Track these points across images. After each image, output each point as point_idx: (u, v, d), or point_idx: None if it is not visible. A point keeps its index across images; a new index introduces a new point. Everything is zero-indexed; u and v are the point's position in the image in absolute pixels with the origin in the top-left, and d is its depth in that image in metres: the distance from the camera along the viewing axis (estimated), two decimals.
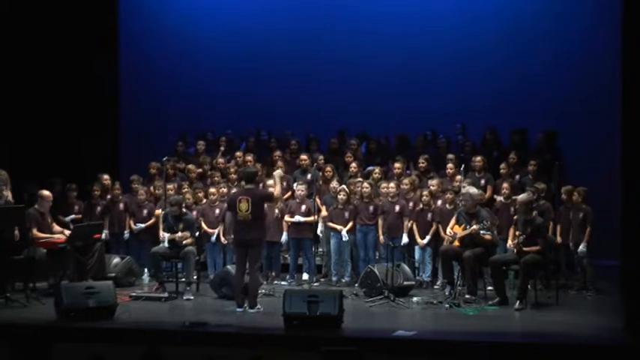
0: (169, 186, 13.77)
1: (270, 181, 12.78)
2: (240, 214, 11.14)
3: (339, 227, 13.25)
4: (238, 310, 11.06)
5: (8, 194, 11.99)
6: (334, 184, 13.62)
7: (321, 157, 14.64)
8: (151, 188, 14.20)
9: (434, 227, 12.92)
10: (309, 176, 14.10)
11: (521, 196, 11.94)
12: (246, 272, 11.24)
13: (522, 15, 16.41)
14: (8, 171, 12.25)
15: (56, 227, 12.77)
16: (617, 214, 13.79)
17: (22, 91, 14.91)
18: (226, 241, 13.32)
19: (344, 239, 13.22)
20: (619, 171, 14.19)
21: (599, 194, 13.11)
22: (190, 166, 14.76)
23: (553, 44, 16.10)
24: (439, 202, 13.04)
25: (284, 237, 13.41)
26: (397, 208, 13.14)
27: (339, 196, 13.28)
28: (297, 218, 13.31)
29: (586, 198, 12.48)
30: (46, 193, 12.67)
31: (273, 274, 13.46)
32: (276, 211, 13.28)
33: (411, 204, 13.17)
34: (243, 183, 12.32)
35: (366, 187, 13.29)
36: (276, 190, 11.69)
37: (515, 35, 16.39)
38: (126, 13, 17.32)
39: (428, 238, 12.96)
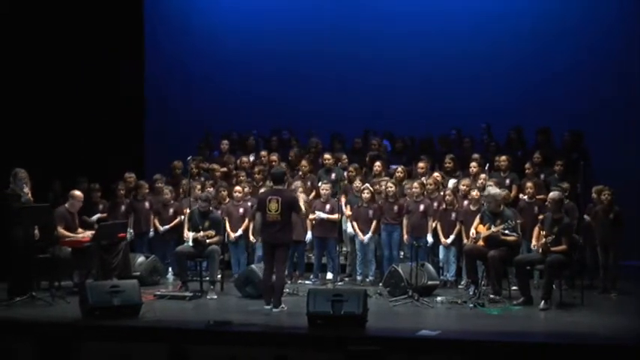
0: (197, 185, 13.81)
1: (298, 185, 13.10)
2: (270, 215, 11.11)
3: (360, 234, 13.24)
4: (266, 307, 11.04)
5: (28, 193, 12.02)
6: (357, 183, 13.60)
7: (345, 156, 14.64)
8: (178, 187, 14.24)
9: (458, 227, 12.90)
10: (333, 175, 14.11)
11: (553, 194, 11.79)
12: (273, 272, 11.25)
13: (547, 14, 16.39)
14: (34, 170, 12.28)
15: (79, 230, 12.79)
16: None
17: (48, 91, 14.98)
18: (255, 240, 13.30)
19: (364, 242, 13.22)
20: None
21: (623, 194, 13.02)
22: (214, 166, 14.79)
23: (577, 43, 16.06)
24: (465, 203, 13.01)
25: (308, 236, 13.42)
26: (421, 207, 13.10)
27: (363, 195, 13.28)
28: (318, 214, 13.31)
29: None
30: (77, 193, 12.72)
31: (297, 273, 13.48)
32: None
33: (435, 204, 13.15)
34: (270, 183, 12.35)
35: (391, 187, 13.27)
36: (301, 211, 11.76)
37: (539, 34, 16.36)
38: (151, 15, 17.36)
39: (452, 237, 12.93)
